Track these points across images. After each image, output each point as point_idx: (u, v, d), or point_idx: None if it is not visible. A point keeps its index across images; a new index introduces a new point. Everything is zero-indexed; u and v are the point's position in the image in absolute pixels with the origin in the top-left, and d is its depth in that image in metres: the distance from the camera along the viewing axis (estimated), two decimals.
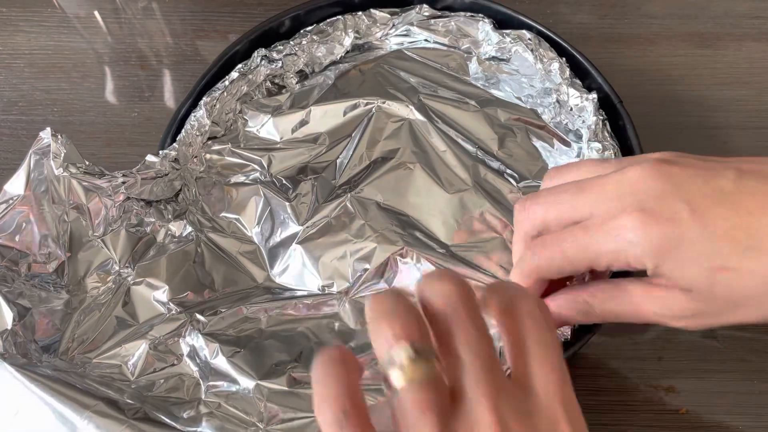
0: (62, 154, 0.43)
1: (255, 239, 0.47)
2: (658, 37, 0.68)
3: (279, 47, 0.55)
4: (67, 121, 0.63)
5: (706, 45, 0.67)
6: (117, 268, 0.45)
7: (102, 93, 0.65)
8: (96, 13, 0.69)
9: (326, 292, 0.45)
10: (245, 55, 0.54)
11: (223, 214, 0.48)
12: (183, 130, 0.50)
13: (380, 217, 0.46)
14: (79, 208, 0.44)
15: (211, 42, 0.68)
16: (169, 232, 0.47)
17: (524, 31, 0.54)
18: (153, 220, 0.46)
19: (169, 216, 0.47)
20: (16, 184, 0.43)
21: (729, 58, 0.67)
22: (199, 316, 0.43)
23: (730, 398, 0.52)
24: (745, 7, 0.69)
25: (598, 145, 0.48)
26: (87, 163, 0.44)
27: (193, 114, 0.51)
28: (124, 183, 0.44)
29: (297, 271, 0.46)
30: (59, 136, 0.44)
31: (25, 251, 0.43)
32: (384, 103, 0.51)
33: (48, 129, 0.44)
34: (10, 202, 0.42)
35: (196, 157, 0.50)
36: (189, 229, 0.47)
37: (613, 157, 0.48)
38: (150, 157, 0.47)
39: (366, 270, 0.44)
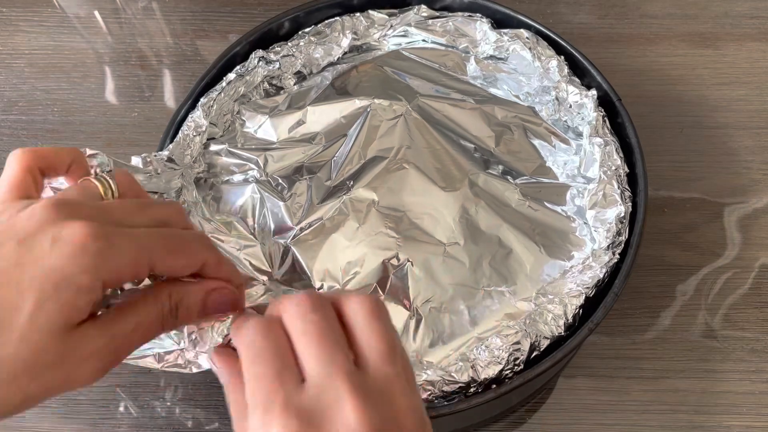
0: None
1: (254, 239, 0.47)
2: (658, 37, 0.68)
3: (276, 48, 0.55)
4: (67, 121, 0.64)
5: (706, 45, 0.67)
6: None
7: (102, 93, 0.65)
8: (96, 13, 0.69)
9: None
10: (245, 56, 0.54)
11: (222, 214, 0.48)
12: (180, 131, 0.50)
13: (375, 218, 0.46)
14: None
15: (211, 42, 0.68)
16: None
17: (522, 30, 0.54)
18: None
19: None
20: None
21: (729, 58, 0.67)
22: None
23: (730, 398, 0.52)
24: (745, 7, 0.69)
25: (599, 140, 0.48)
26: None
27: (190, 115, 0.51)
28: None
29: (290, 272, 0.45)
30: None
31: None
32: (380, 102, 0.50)
33: None
34: None
35: (195, 158, 0.50)
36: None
37: (614, 153, 0.48)
38: (134, 159, 0.46)
39: (357, 273, 0.44)
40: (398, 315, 0.43)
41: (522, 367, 0.42)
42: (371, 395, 0.27)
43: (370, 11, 0.57)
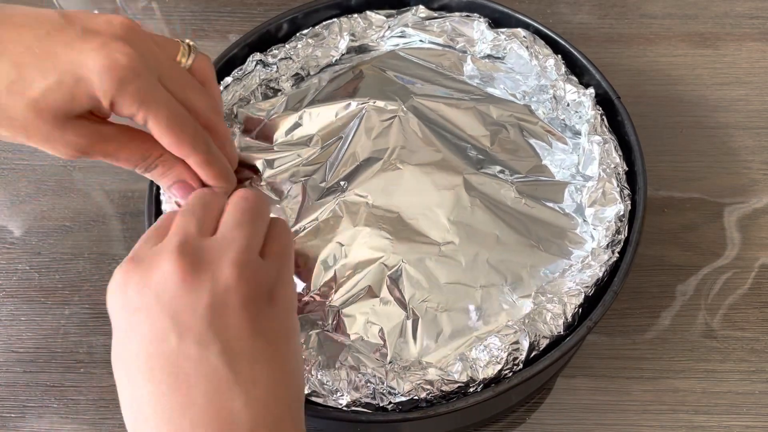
0: None
1: None
2: (658, 37, 0.68)
3: (274, 51, 0.54)
4: None
5: (706, 45, 0.67)
6: None
7: None
8: (96, 13, 0.69)
9: (309, 295, 0.44)
10: (243, 59, 0.54)
11: None
12: None
13: (369, 219, 0.46)
14: None
15: (211, 42, 0.68)
16: None
17: (519, 29, 0.54)
18: None
19: None
20: None
21: (729, 58, 0.67)
22: None
23: (730, 398, 0.52)
24: (745, 7, 0.69)
25: (598, 138, 0.48)
26: None
27: None
28: None
29: None
30: None
31: None
32: (375, 102, 0.50)
33: None
34: None
35: None
36: None
37: (613, 151, 0.48)
38: None
39: (351, 275, 0.44)
40: (395, 316, 0.43)
41: (521, 366, 0.41)
42: (253, 272, 0.32)
43: (368, 12, 0.57)
